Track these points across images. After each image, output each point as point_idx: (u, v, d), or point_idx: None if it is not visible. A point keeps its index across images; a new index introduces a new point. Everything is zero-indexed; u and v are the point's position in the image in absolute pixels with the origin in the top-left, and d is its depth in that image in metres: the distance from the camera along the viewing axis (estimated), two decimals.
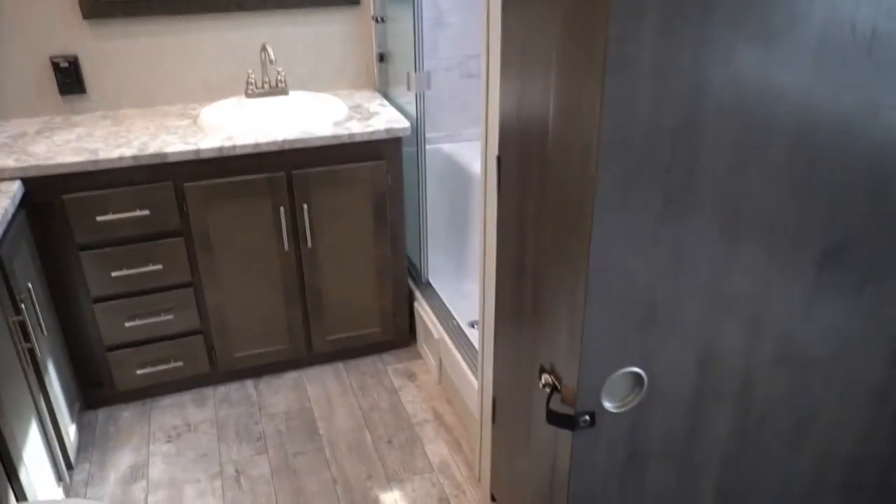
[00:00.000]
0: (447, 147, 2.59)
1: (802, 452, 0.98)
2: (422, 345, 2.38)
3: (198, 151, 1.90)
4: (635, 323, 0.84)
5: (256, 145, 1.95)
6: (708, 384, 0.88)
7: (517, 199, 1.30)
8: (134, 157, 1.86)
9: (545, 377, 0.88)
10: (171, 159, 1.89)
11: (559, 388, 0.84)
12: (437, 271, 2.56)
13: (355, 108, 2.24)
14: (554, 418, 0.80)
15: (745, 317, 0.88)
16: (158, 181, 1.93)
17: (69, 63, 2.15)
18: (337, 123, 2.09)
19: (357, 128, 2.05)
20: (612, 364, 0.82)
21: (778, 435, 0.96)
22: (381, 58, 2.41)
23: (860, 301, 0.90)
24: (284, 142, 1.97)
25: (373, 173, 2.11)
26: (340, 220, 2.14)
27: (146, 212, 1.93)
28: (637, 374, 0.84)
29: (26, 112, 2.19)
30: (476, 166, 2.42)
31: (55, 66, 2.14)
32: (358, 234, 2.18)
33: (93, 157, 1.83)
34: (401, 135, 2.08)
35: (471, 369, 1.97)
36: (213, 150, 1.91)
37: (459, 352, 2.05)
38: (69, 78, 2.17)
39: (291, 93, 2.30)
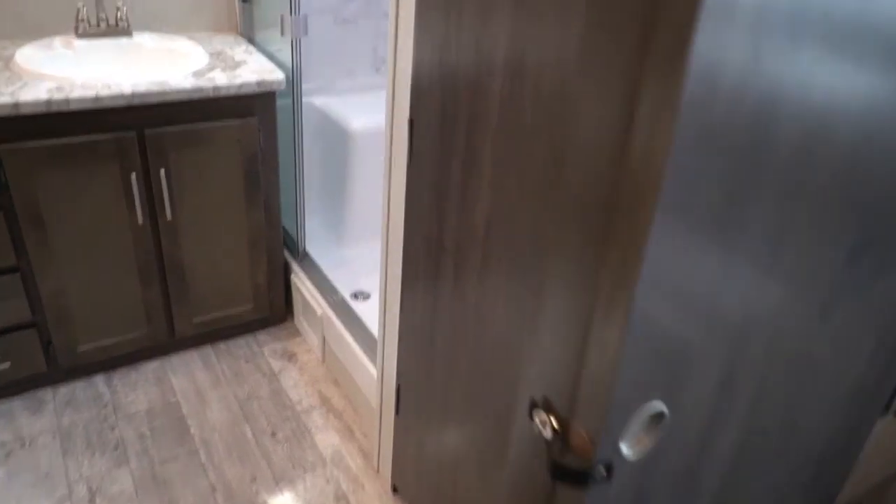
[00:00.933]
0: (319, 101, 2.33)
1: (785, 457, 0.93)
2: (300, 320, 2.17)
3: (16, 105, 1.52)
4: (667, 347, 0.70)
5: (97, 99, 1.60)
6: (722, 407, 0.78)
7: (435, 169, 1.12)
8: None
9: (540, 417, 0.73)
10: None
11: (560, 431, 0.69)
12: (315, 239, 2.33)
13: (217, 56, 1.92)
14: (563, 474, 0.64)
15: (769, 332, 0.78)
16: None
17: None
18: (197, 73, 1.77)
19: (222, 79, 1.75)
20: (636, 400, 0.68)
21: (768, 443, 0.89)
22: None
23: (870, 298, 0.83)
24: (134, 95, 1.63)
25: (242, 132, 1.82)
26: (205, 186, 1.84)
27: None
28: (658, 410, 0.71)
29: None
30: (354, 123, 2.20)
31: None
32: (226, 201, 1.89)
33: None
34: (275, 88, 1.81)
35: (361, 348, 1.80)
36: (38, 103, 1.54)
37: (346, 327, 1.87)
38: None
39: (136, 34, 1.93)
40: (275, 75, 1.80)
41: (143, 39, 1.92)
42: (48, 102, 1.55)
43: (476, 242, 1.04)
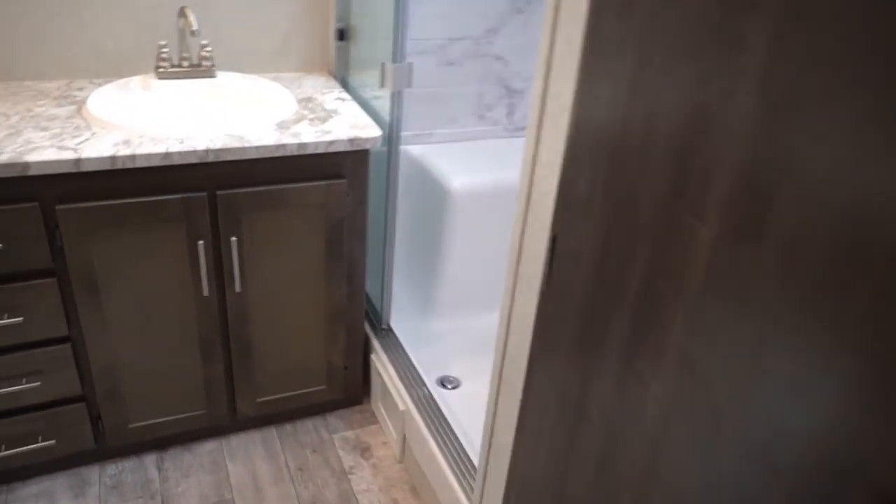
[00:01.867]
0: (416, 150, 2.07)
1: None
2: (377, 405, 1.89)
3: (78, 161, 1.32)
4: None
5: (167, 155, 1.38)
6: None
7: (586, 314, 0.81)
8: None
9: None
10: (35, 171, 1.30)
11: None
12: (399, 309, 2.05)
13: (306, 103, 1.68)
14: None
15: None
16: (17, 201, 1.33)
17: None
18: (281, 125, 1.53)
19: (310, 134, 1.50)
20: None
21: None
22: (342, 34, 1.85)
23: None
24: (208, 151, 1.40)
25: (328, 195, 1.57)
26: (282, 254, 1.60)
27: None
28: None
29: None
30: (454, 181, 1.92)
31: None
32: (304, 271, 1.64)
33: None
34: (369, 146, 1.54)
35: (450, 467, 1.50)
36: (102, 159, 1.33)
37: (432, 435, 1.57)
38: None
39: (220, 74, 1.72)
40: (370, 132, 1.54)
41: (226, 80, 1.70)
42: (112, 159, 1.34)
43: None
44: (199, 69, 1.69)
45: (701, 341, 0.66)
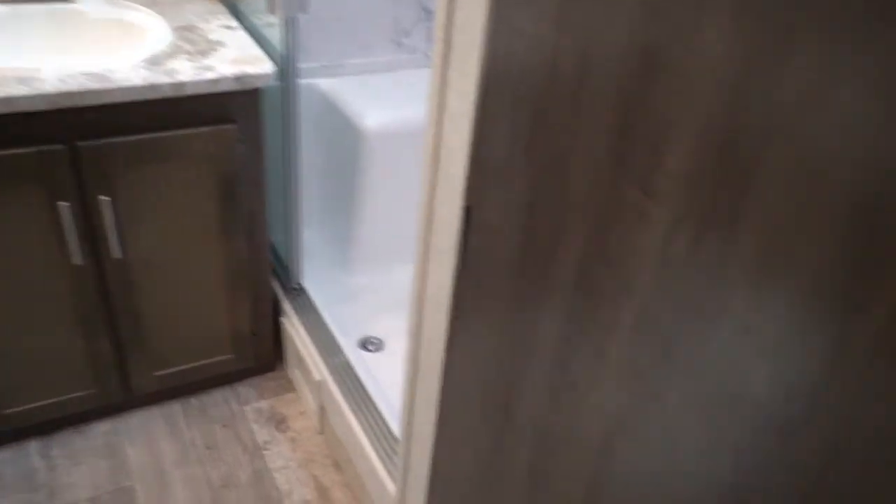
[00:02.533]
0: (325, 84, 1.84)
1: None
2: (293, 371, 1.73)
3: None
4: None
5: (7, 100, 1.13)
6: None
7: (511, 306, 0.66)
8: None
9: None
10: None
11: None
12: (314, 264, 1.87)
13: (185, 33, 1.43)
14: None
15: None
16: None
17: None
18: (153, 61, 1.29)
19: (188, 71, 1.26)
20: None
21: None
22: None
23: None
24: (60, 95, 1.16)
25: (216, 143, 1.35)
26: (168, 212, 1.38)
27: None
28: None
29: None
30: (368, 119, 1.71)
31: None
32: (196, 229, 1.43)
33: None
34: (260, 84, 1.32)
35: (365, 433, 1.37)
36: None
37: (349, 402, 1.43)
38: None
39: None
40: (260, 67, 1.31)
41: (86, 7, 1.42)
42: None
43: None
44: None
45: (655, 352, 0.51)
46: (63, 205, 1.25)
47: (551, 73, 0.54)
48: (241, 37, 1.44)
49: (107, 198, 1.28)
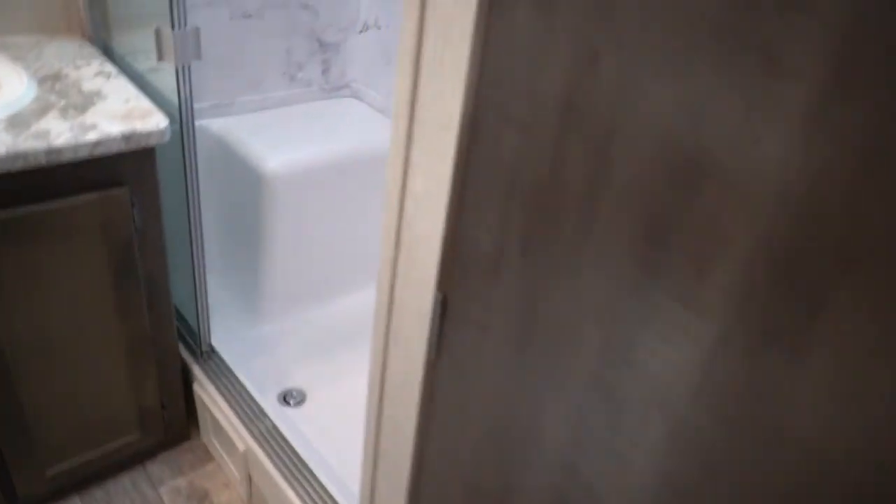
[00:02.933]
0: (217, 125, 1.70)
1: None
2: (209, 438, 1.58)
3: None
4: None
5: None
6: None
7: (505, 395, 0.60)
8: None
9: None
10: None
11: None
12: (220, 317, 1.72)
13: (53, 82, 1.25)
14: None
15: None
16: None
17: None
18: (15, 122, 1.11)
19: (64, 133, 1.10)
20: None
21: None
22: None
23: None
24: None
25: (106, 210, 1.19)
26: (52, 291, 1.20)
27: None
28: None
29: None
30: (270, 161, 1.59)
31: None
32: (88, 306, 1.26)
33: None
34: (154, 141, 1.18)
35: (301, 501, 1.26)
36: None
37: (280, 471, 1.31)
38: None
39: None
40: (153, 122, 1.16)
41: None
42: None
43: None
44: None
45: (692, 472, 0.46)
46: None
47: (554, 174, 0.48)
48: (123, 85, 1.28)
49: None
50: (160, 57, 1.18)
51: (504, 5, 0.47)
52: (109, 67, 1.34)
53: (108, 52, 1.44)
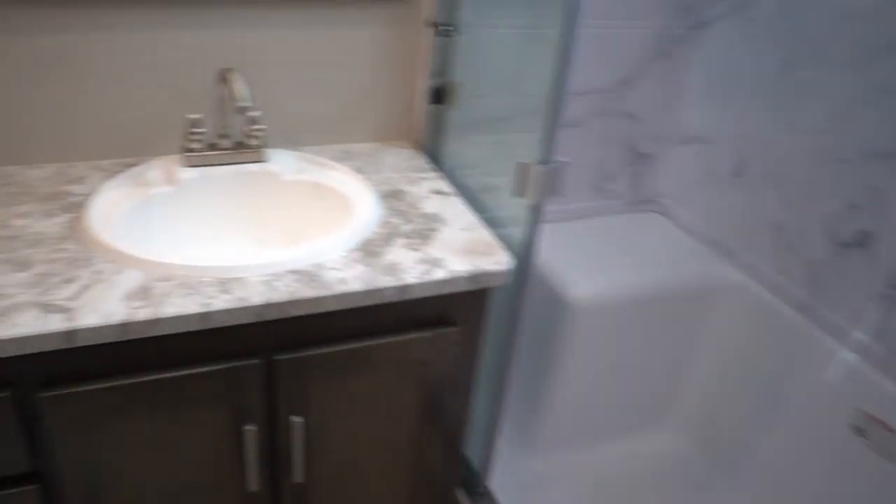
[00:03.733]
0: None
1: None
2: None
3: (72, 334, 0.84)
4: None
5: (205, 316, 0.90)
6: None
7: None
8: None
9: None
10: (8, 352, 0.83)
11: None
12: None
13: (393, 201, 1.19)
14: None
15: None
16: None
17: None
18: (367, 249, 1.04)
19: (412, 267, 1.01)
20: None
21: None
22: (438, 95, 1.36)
23: None
24: (268, 307, 0.92)
25: (432, 349, 1.09)
26: (360, 426, 1.12)
27: None
28: None
29: None
30: (575, 288, 1.43)
31: None
32: (387, 443, 1.17)
33: None
34: (495, 283, 1.06)
35: None
36: (106, 329, 0.85)
37: None
38: None
39: (271, 154, 1.23)
40: (496, 260, 1.05)
41: (280, 166, 1.21)
42: (124, 327, 0.86)
43: None
44: (244, 150, 1.20)
45: None
46: (250, 429, 1.00)
47: None
48: (460, 208, 1.19)
49: (299, 419, 1.03)
50: (518, 192, 1.07)
51: None
52: (442, 184, 1.27)
53: (436, 160, 1.38)
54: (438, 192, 1.24)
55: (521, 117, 1.16)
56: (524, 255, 1.12)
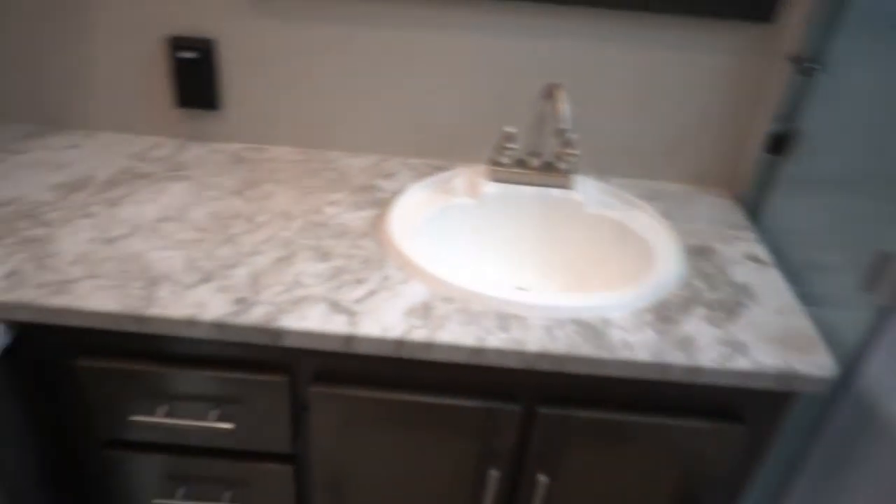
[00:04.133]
0: None
1: None
2: None
3: (350, 340, 0.86)
4: None
5: (478, 352, 0.86)
6: None
7: None
8: (216, 325, 0.86)
9: None
10: (290, 342, 0.87)
11: None
12: None
13: (699, 260, 1.05)
14: None
15: None
16: (263, 370, 0.92)
17: (198, 51, 1.17)
18: (661, 312, 0.92)
19: (710, 346, 0.87)
20: None
21: None
22: (777, 143, 1.16)
23: None
24: (542, 357, 0.86)
25: (709, 442, 0.94)
26: (604, 502, 1.01)
27: (229, 425, 0.94)
28: None
29: (118, 124, 1.27)
30: None
31: (177, 58, 1.18)
32: None
33: (130, 309, 0.86)
34: (808, 389, 0.87)
35: None
36: (381, 343, 0.86)
37: None
38: (194, 78, 1.20)
39: (579, 180, 1.16)
40: (815, 362, 0.86)
41: (583, 197, 1.13)
42: (398, 344, 0.86)
43: None
44: (552, 173, 1.14)
45: None
46: (494, 474, 0.96)
47: None
48: (777, 284, 1.00)
49: (545, 478, 0.96)
50: (867, 286, 0.86)
51: None
52: (759, 249, 1.09)
53: (756, 219, 1.19)
54: (753, 259, 1.06)
55: (884, 184, 0.93)
56: (851, 363, 0.90)
